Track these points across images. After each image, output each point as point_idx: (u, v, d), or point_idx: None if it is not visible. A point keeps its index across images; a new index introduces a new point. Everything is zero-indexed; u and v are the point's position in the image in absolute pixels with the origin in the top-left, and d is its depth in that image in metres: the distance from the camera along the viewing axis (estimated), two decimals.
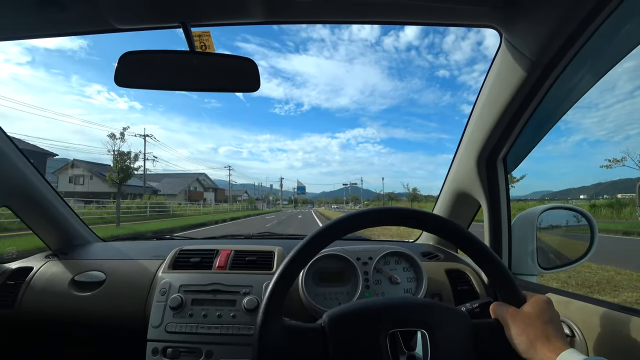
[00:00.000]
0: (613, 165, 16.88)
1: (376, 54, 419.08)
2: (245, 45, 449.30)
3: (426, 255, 1.14)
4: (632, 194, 18.94)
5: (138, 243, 1.39)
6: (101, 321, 1.02)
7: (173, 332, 0.86)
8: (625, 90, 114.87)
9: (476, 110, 0.94)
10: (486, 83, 0.87)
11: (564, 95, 0.80)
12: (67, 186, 29.43)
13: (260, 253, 1.07)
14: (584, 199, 19.46)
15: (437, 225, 0.59)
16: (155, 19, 0.67)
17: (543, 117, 0.86)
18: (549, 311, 0.52)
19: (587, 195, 23.66)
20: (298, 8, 0.65)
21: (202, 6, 0.63)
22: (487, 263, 0.57)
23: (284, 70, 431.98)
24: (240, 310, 0.89)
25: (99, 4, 0.62)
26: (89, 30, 0.75)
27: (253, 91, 0.68)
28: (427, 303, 0.59)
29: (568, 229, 1.01)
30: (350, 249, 1.02)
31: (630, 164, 16.85)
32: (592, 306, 0.68)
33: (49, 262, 1.14)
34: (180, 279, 0.96)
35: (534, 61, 0.70)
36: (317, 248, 0.56)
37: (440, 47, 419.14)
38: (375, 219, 0.57)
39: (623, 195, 19.18)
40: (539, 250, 0.96)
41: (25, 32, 0.77)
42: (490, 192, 0.98)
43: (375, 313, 0.54)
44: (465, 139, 1.02)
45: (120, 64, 0.65)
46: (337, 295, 0.96)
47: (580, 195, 24.54)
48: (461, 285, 1.00)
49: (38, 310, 1.03)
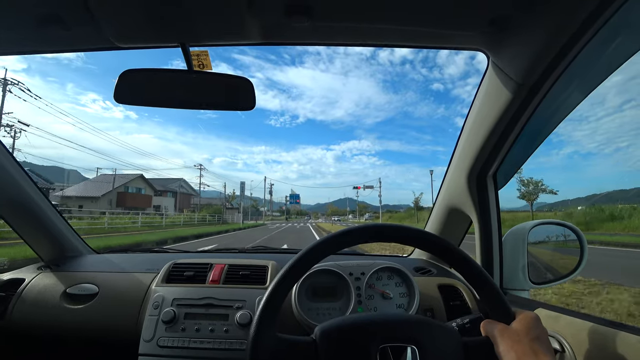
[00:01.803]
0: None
1: (371, 67, 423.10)
2: (241, 57, 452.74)
3: (419, 271, 1.15)
4: (634, 204, 19.09)
5: (132, 255, 1.38)
6: (93, 334, 1.00)
7: (165, 347, 0.85)
8: (615, 103, 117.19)
9: (466, 129, 0.96)
10: (475, 102, 0.90)
11: (551, 113, 0.83)
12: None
13: (254, 267, 1.07)
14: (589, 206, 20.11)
15: (428, 242, 0.60)
16: (155, 38, 0.69)
17: (531, 135, 0.88)
18: (537, 328, 0.53)
19: (584, 206, 24.01)
20: (294, 31, 0.68)
21: (200, 28, 0.65)
22: (477, 280, 0.58)
23: (279, 82, 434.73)
24: (233, 325, 0.89)
25: (101, 23, 0.64)
26: (90, 47, 0.77)
27: (248, 110, 0.70)
28: (418, 319, 0.60)
29: (558, 244, 1.03)
30: (343, 264, 1.02)
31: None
32: (581, 321, 0.69)
33: (41, 273, 1.12)
34: (174, 292, 0.96)
35: (520, 83, 0.72)
36: (311, 263, 0.57)
37: (434, 61, 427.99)
38: (368, 235, 0.58)
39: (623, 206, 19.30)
40: (530, 265, 0.98)
41: (27, 47, 0.79)
42: (480, 208, 1.00)
43: (367, 328, 0.55)
44: (456, 156, 1.04)
45: (120, 82, 0.67)
46: (330, 310, 0.96)
47: (577, 206, 24.84)
48: (453, 301, 1.01)
49: (29, 322, 1.01)
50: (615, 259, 8.33)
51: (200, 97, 0.71)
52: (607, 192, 17.12)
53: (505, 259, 1.00)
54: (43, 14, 0.63)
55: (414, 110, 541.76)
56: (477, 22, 0.64)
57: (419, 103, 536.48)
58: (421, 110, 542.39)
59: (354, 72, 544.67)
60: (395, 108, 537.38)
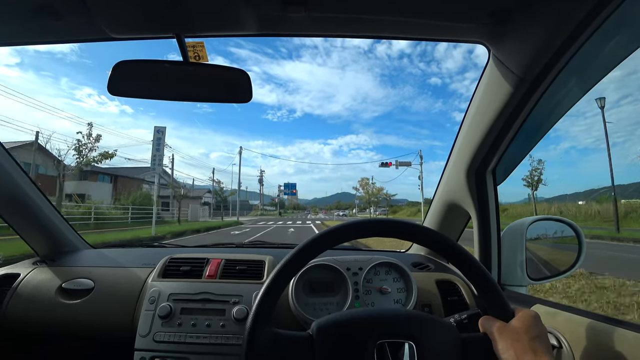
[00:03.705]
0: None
1: (369, 61, 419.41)
2: (238, 50, 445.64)
3: (417, 266, 1.15)
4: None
5: (128, 250, 1.38)
6: (88, 329, 1.00)
7: (161, 342, 0.85)
8: (612, 99, 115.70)
9: (465, 123, 0.96)
10: (475, 97, 0.89)
11: (551, 108, 0.83)
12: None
13: (251, 262, 1.07)
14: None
15: (426, 237, 0.59)
16: (149, 29, 0.68)
17: (531, 130, 0.88)
18: (537, 326, 0.53)
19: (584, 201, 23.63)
20: (292, 22, 0.66)
21: (196, 18, 0.64)
22: (476, 277, 0.57)
23: (276, 76, 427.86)
24: (230, 320, 0.88)
25: (94, 13, 0.63)
26: (83, 38, 0.76)
27: (245, 102, 0.69)
28: (416, 315, 0.59)
29: (556, 240, 1.03)
30: (340, 259, 1.02)
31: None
32: (579, 317, 0.69)
33: (36, 268, 1.12)
34: (170, 287, 0.96)
35: (521, 77, 0.72)
36: (308, 258, 0.57)
37: (432, 55, 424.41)
38: (365, 230, 0.58)
39: (628, 201, 19.03)
40: (528, 261, 0.98)
41: (19, 39, 0.77)
42: (479, 204, 1.00)
43: (364, 323, 0.54)
44: (455, 151, 1.04)
45: (114, 73, 0.66)
46: (327, 305, 0.96)
47: (577, 201, 24.48)
48: (451, 296, 1.01)
49: (24, 317, 1.01)
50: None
51: (196, 89, 0.70)
52: (605, 187, 16.90)
53: (503, 255, 1.00)
54: (36, 4, 0.62)
55: (411, 104, 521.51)
56: (477, 14, 0.63)
57: (417, 97, 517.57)
58: (419, 104, 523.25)
59: (352, 66, 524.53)
60: (393, 102, 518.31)
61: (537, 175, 22.03)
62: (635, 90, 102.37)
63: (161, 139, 16.71)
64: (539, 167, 22.02)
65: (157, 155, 16.44)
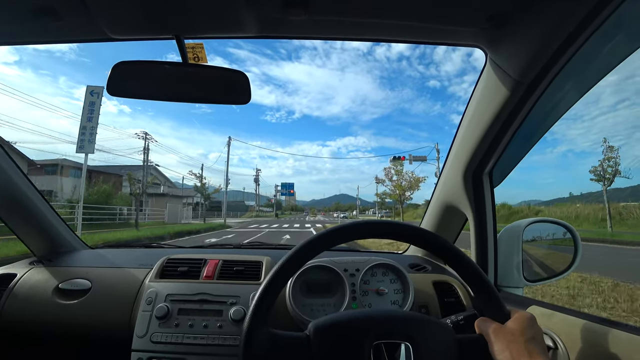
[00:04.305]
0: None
1: (368, 64, 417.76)
2: (237, 51, 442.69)
3: (414, 267, 1.15)
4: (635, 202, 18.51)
5: (125, 251, 1.37)
6: (85, 330, 0.99)
7: (158, 342, 0.85)
8: (609, 103, 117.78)
9: (462, 126, 0.96)
10: (472, 100, 0.90)
11: (548, 112, 0.83)
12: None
13: (249, 263, 1.07)
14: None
15: (423, 239, 0.60)
16: (149, 30, 0.68)
17: (528, 133, 0.88)
18: (533, 328, 0.53)
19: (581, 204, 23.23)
20: (292, 25, 0.67)
21: (196, 20, 0.64)
22: (473, 278, 0.58)
23: (275, 77, 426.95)
24: (227, 321, 0.88)
25: (94, 14, 0.63)
26: (83, 38, 0.76)
27: (244, 103, 0.69)
28: (412, 316, 0.60)
29: (553, 242, 1.04)
30: (337, 260, 1.02)
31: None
32: (575, 318, 0.70)
33: (33, 269, 1.11)
34: (167, 288, 0.95)
35: (518, 81, 0.72)
36: (305, 259, 0.57)
37: (431, 58, 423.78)
38: (361, 232, 0.58)
39: (626, 204, 18.44)
40: (524, 262, 0.98)
41: (19, 39, 0.77)
42: (476, 206, 1.01)
43: (361, 324, 0.55)
44: (452, 153, 1.04)
45: (113, 74, 0.66)
46: (324, 306, 0.96)
47: (576, 204, 23.98)
48: (448, 298, 1.01)
49: (21, 317, 1.00)
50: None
51: (195, 90, 0.70)
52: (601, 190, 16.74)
53: (500, 257, 1.00)
54: (36, 5, 0.62)
55: (410, 107, 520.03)
56: (475, 18, 0.64)
57: (415, 100, 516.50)
58: (417, 107, 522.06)
59: (351, 68, 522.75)
60: (392, 105, 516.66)
61: (613, 165, 15.63)
62: (632, 94, 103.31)
63: (95, 103, 11.66)
64: (612, 156, 15.78)
65: (89, 127, 11.45)
